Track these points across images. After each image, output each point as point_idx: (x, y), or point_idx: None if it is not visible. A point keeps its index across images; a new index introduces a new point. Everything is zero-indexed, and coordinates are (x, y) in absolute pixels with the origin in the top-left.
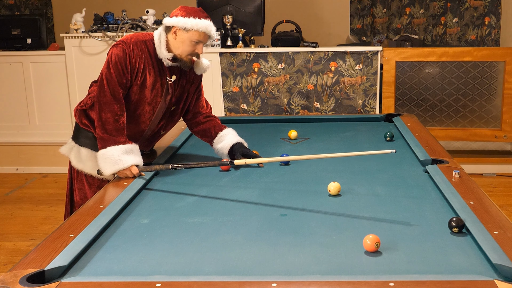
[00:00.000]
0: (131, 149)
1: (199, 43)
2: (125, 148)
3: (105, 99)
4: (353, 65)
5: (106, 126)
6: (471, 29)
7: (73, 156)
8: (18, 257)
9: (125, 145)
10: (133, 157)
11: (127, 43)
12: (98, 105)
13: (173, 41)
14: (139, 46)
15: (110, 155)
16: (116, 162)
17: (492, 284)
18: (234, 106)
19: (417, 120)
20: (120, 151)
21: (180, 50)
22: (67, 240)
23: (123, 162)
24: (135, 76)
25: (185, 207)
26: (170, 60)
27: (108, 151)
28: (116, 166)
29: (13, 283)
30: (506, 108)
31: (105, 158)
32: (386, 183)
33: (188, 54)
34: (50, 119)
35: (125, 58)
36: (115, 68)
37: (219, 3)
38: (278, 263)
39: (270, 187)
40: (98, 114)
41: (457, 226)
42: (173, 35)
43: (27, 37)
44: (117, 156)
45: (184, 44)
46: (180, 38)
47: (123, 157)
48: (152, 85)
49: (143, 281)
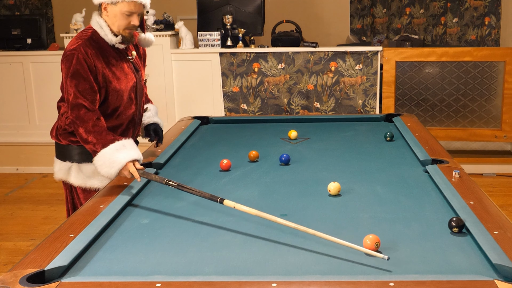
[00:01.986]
0: (122, 144)
1: (132, 15)
2: (114, 146)
3: (81, 113)
4: (353, 65)
5: (89, 136)
6: (471, 29)
7: (73, 176)
8: (18, 257)
9: (114, 143)
10: (126, 153)
11: (77, 49)
12: (77, 122)
13: (108, 19)
14: (90, 46)
15: (103, 159)
16: (111, 164)
17: (492, 284)
18: (234, 106)
19: (417, 120)
20: (110, 151)
21: (116, 26)
22: (67, 240)
23: (118, 162)
24: (102, 75)
25: (185, 207)
26: (121, 43)
27: (99, 156)
28: (113, 169)
29: (13, 283)
30: (506, 108)
31: (101, 164)
32: (386, 183)
33: (125, 28)
34: (50, 119)
35: (83, 65)
36: (78, 79)
37: (219, 3)
38: (278, 263)
39: (270, 187)
40: (80, 129)
41: (457, 226)
42: (105, 12)
43: (27, 37)
44: (110, 157)
45: (117, 19)
46: (112, 13)
47: (115, 156)
48: (122, 73)
49: (143, 281)
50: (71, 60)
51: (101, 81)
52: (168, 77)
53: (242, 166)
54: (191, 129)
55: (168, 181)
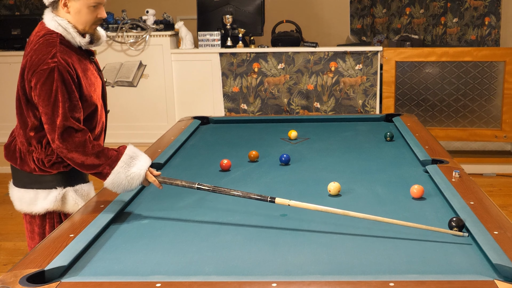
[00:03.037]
0: (129, 156)
1: (98, 6)
2: (124, 162)
3: (74, 139)
4: (353, 65)
5: (89, 159)
6: (471, 29)
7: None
8: (18, 257)
9: (122, 159)
10: (139, 163)
11: (56, 60)
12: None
13: (71, 18)
14: (65, 53)
15: (118, 180)
16: (130, 182)
17: (492, 284)
18: (234, 106)
19: (417, 120)
20: (123, 170)
21: (82, 23)
22: (67, 240)
23: (136, 178)
24: (84, 86)
25: (185, 207)
26: (90, 43)
27: (113, 178)
28: (133, 185)
29: (13, 283)
30: (506, 108)
31: (117, 185)
32: (386, 183)
33: (93, 24)
34: None
35: (67, 78)
36: (64, 96)
37: (219, 3)
38: (278, 263)
39: (270, 187)
40: (74, 155)
41: (457, 226)
42: (65, 9)
43: (27, 37)
44: (125, 176)
45: (82, 14)
46: (75, 10)
47: (131, 172)
48: (93, 78)
49: (143, 281)
50: (51, 75)
51: (85, 93)
52: (168, 77)
53: (242, 166)
54: (191, 129)
55: (199, 186)
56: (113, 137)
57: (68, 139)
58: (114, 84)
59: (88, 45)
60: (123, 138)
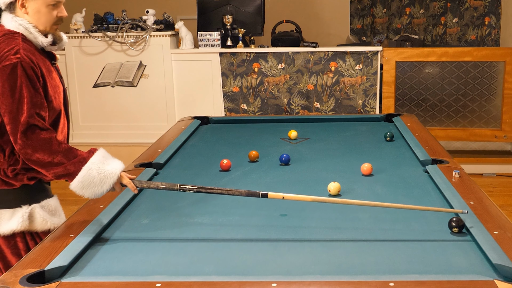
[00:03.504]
0: (102, 156)
1: (57, 4)
2: (97, 159)
3: (39, 136)
4: (353, 65)
5: (56, 157)
6: (471, 29)
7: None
8: None
9: (94, 156)
10: (114, 162)
11: (20, 56)
12: (35, 146)
13: (30, 18)
14: (28, 51)
15: (89, 178)
16: (103, 181)
17: (492, 284)
18: (234, 106)
19: (417, 120)
20: (95, 165)
21: (43, 23)
22: (67, 240)
23: (110, 176)
24: (48, 87)
25: (185, 207)
26: (53, 44)
27: (83, 176)
28: (105, 185)
29: (13, 283)
30: (506, 108)
31: (87, 185)
32: (386, 183)
33: (53, 24)
34: None
35: (31, 75)
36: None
37: (219, 3)
38: (278, 263)
39: (270, 187)
40: (39, 155)
41: (457, 226)
42: (23, 9)
43: None
44: (98, 173)
45: (42, 14)
46: (33, 9)
47: (104, 170)
48: (55, 82)
49: (143, 281)
50: (14, 71)
51: (50, 94)
52: (168, 77)
53: (242, 166)
54: (191, 129)
55: (182, 187)
56: (113, 137)
57: (32, 136)
58: (114, 84)
59: (50, 47)
60: (123, 138)
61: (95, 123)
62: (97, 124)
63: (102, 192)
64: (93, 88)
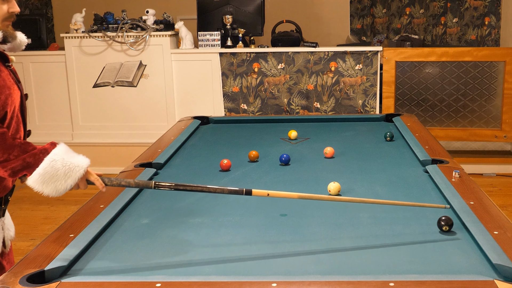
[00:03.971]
0: (66, 149)
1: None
2: (60, 149)
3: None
4: (353, 65)
5: (14, 151)
6: (471, 29)
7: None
8: (18, 257)
9: (57, 148)
10: (79, 157)
11: None
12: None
13: None
14: None
15: (51, 171)
16: (67, 174)
17: (492, 284)
18: (234, 106)
19: (417, 120)
20: (59, 156)
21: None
22: (67, 240)
23: (76, 169)
24: None
25: (185, 207)
26: (3, 43)
27: (45, 168)
28: (69, 179)
29: (13, 283)
30: (506, 108)
31: (49, 179)
32: (386, 183)
33: (4, 20)
34: (50, 119)
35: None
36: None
37: (219, 3)
38: (278, 263)
39: (270, 187)
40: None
41: (446, 224)
42: None
43: (27, 37)
44: (63, 164)
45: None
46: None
47: (70, 161)
48: (5, 79)
49: (143, 281)
50: None
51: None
52: (168, 77)
53: (242, 166)
54: (191, 129)
55: (157, 184)
56: (113, 137)
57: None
58: (114, 84)
59: (1, 45)
60: (123, 138)
61: (95, 123)
62: (97, 124)
63: (65, 188)
64: (93, 88)
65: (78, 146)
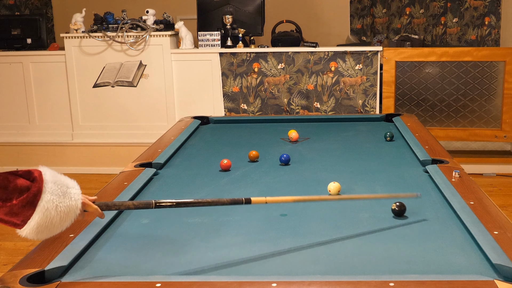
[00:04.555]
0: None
1: None
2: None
3: None
4: (353, 65)
5: None
6: (471, 29)
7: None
8: (18, 257)
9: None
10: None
11: None
12: None
13: None
14: None
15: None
16: (63, 219)
17: (492, 284)
18: (234, 106)
19: (417, 120)
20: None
21: None
22: (67, 240)
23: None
24: None
25: (185, 207)
26: None
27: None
28: (67, 221)
29: (13, 283)
30: (506, 108)
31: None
32: (386, 183)
33: None
34: (50, 119)
35: None
36: None
37: (219, 3)
38: (278, 263)
39: (270, 187)
40: None
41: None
42: None
43: (27, 37)
44: (57, 212)
45: None
46: None
47: (65, 203)
48: None
49: (143, 281)
50: None
51: None
52: (168, 77)
53: (242, 166)
54: (191, 129)
55: (158, 203)
56: (113, 137)
57: None
58: (114, 84)
59: None
60: (123, 138)
61: (95, 123)
62: (97, 124)
63: (61, 230)
64: (93, 88)
65: (78, 146)
